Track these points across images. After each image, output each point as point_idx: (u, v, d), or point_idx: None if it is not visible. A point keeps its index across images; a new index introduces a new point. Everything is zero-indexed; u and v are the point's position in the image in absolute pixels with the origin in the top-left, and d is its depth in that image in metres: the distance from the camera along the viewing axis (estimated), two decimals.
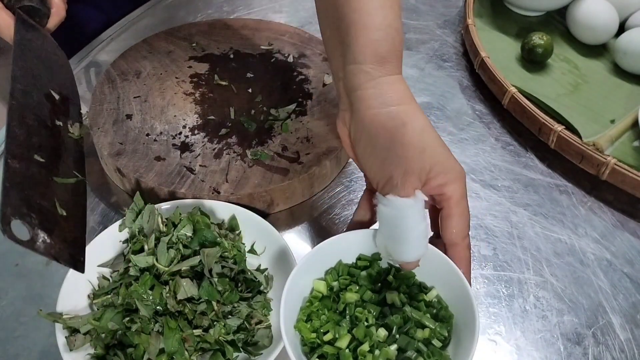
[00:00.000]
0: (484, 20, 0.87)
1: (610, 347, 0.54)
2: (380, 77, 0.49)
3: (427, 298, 0.50)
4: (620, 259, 0.60)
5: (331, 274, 0.51)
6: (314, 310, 0.49)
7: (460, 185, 0.48)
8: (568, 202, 0.66)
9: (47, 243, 0.46)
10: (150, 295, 0.50)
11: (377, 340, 0.47)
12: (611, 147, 0.68)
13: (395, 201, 0.46)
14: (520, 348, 0.54)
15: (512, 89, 0.72)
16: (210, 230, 0.54)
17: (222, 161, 0.64)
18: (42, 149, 0.52)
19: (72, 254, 0.48)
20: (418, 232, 0.47)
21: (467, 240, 0.49)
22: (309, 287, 0.51)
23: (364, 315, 0.48)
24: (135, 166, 0.63)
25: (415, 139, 0.47)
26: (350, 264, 0.52)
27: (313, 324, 0.48)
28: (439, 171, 0.47)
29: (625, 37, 0.77)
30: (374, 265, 0.52)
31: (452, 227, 0.48)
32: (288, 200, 0.64)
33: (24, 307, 0.56)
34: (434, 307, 0.49)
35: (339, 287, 0.51)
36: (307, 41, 0.79)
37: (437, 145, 0.48)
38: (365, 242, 0.51)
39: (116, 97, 0.71)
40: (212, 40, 0.79)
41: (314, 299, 0.50)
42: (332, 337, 0.47)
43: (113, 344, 0.49)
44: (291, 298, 0.47)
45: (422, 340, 0.47)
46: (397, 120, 0.48)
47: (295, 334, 0.48)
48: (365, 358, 0.46)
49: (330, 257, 0.52)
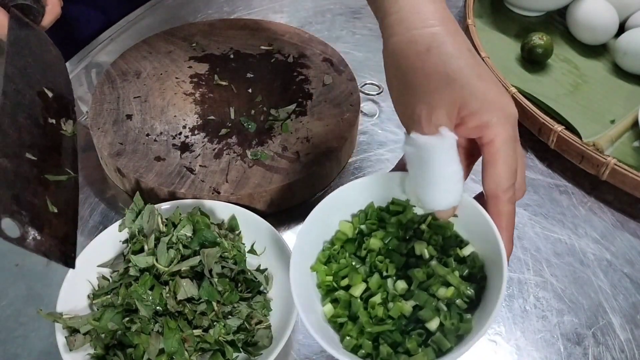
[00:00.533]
0: (484, 20, 0.87)
1: (610, 348, 0.54)
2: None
3: (461, 253, 0.44)
4: (620, 259, 0.60)
5: (359, 216, 0.47)
6: (334, 253, 0.45)
7: (504, 127, 0.41)
8: (568, 202, 0.66)
9: (37, 240, 0.46)
10: (150, 295, 0.50)
11: (393, 293, 0.43)
12: (611, 147, 0.68)
13: (418, 139, 0.40)
14: (520, 348, 0.54)
15: (512, 89, 0.72)
16: (210, 231, 0.54)
17: (222, 161, 0.64)
18: (33, 147, 0.52)
19: (62, 251, 0.49)
20: (447, 175, 0.41)
21: (510, 193, 0.42)
22: (333, 229, 0.47)
23: (384, 265, 0.44)
24: (135, 166, 0.63)
25: (441, 67, 0.41)
26: (383, 207, 0.47)
27: (331, 267, 0.45)
28: (476, 108, 0.40)
29: (625, 37, 0.77)
30: (407, 211, 0.46)
31: (492, 176, 0.41)
32: (288, 200, 0.64)
33: (24, 307, 0.56)
34: (467, 265, 0.44)
35: (367, 231, 0.46)
36: (307, 41, 0.79)
37: (473, 76, 0.41)
38: (402, 186, 0.46)
39: (116, 98, 0.71)
40: (212, 41, 0.79)
41: (337, 240, 0.46)
42: (349, 282, 0.44)
43: (113, 344, 0.49)
44: (309, 237, 0.44)
45: (444, 299, 0.42)
46: (420, 45, 0.42)
47: (310, 276, 0.44)
48: (375, 310, 0.42)
49: (361, 198, 0.47)
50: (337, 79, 0.73)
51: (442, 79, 0.40)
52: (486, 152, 0.41)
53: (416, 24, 0.43)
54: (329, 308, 0.43)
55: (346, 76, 0.73)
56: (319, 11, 0.91)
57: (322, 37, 0.79)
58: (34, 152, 0.52)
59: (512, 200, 0.43)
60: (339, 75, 0.74)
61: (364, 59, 0.82)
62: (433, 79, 0.41)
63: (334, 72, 0.74)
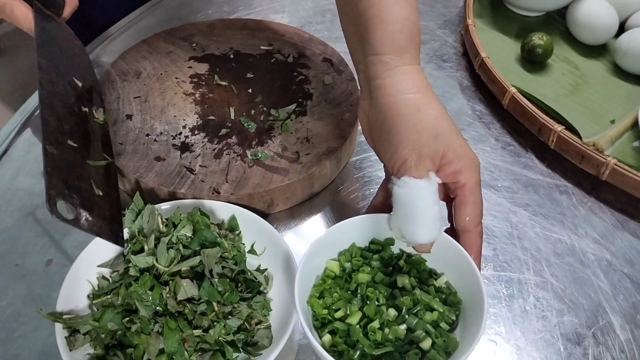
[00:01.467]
0: (484, 20, 0.87)
1: (610, 348, 0.54)
2: (397, 67, 0.51)
3: (436, 284, 0.51)
4: (620, 259, 0.60)
5: (344, 255, 0.53)
6: (327, 288, 0.51)
7: (474, 173, 0.50)
8: (568, 202, 0.66)
9: (89, 221, 0.50)
10: (150, 295, 0.49)
11: (387, 319, 0.48)
12: (611, 147, 0.68)
13: (410, 182, 0.48)
14: (520, 348, 0.54)
15: (512, 89, 0.72)
16: (210, 231, 0.54)
17: (222, 161, 0.64)
18: (73, 135, 0.55)
19: (112, 230, 0.52)
20: (431, 213, 0.48)
21: (479, 228, 0.51)
22: (322, 267, 0.52)
23: (375, 295, 0.50)
24: (135, 166, 0.63)
25: (429, 125, 0.49)
26: (364, 247, 0.54)
27: (325, 301, 0.50)
28: (452, 157, 0.49)
29: (625, 37, 0.77)
30: (386, 249, 0.53)
31: (465, 214, 0.50)
32: (288, 200, 0.64)
33: (24, 307, 0.56)
34: (443, 293, 0.51)
35: (352, 268, 0.52)
36: (307, 41, 0.79)
37: (451, 132, 0.50)
38: (379, 227, 0.53)
39: (116, 98, 0.71)
40: (212, 41, 0.79)
41: (327, 277, 0.52)
42: (343, 314, 0.49)
43: (113, 344, 0.49)
44: (305, 275, 0.49)
45: (431, 322, 0.48)
46: (411, 107, 0.50)
47: (307, 309, 0.50)
48: (375, 334, 0.47)
49: (344, 239, 0.53)
50: (337, 79, 0.73)
51: (431, 134, 0.49)
52: (460, 194, 0.50)
53: (406, 89, 0.51)
54: (328, 338, 0.48)
55: (346, 76, 0.73)
56: (319, 11, 0.91)
57: (322, 37, 0.79)
58: (74, 139, 0.55)
59: (481, 234, 0.51)
60: (339, 75, 0.74)
61: None
62: (423, 135, 0.49)
63: (334, 72, 0.74)
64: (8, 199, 0.65)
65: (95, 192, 0.54)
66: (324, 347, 0.47)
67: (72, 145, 0.54)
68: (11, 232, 0.62)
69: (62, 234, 0.61)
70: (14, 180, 0.67)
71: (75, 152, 0.54)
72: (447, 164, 0.49)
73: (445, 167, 0.49)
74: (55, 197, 0.48)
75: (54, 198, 0.48)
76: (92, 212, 0.51)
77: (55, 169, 0.50)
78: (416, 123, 0.49)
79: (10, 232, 0.62)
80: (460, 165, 0.49)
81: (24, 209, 0.64)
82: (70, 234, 0.61)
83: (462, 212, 0.50)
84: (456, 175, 0.49)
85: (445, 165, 0.49)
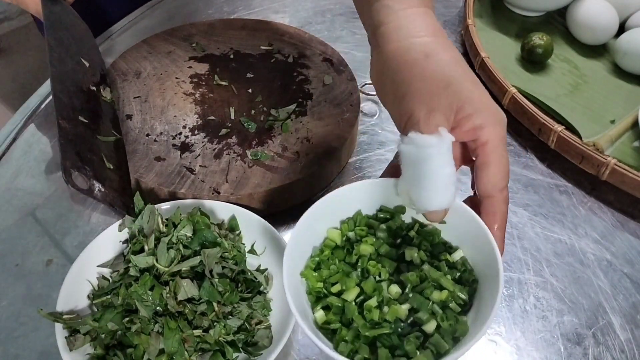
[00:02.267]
0: (484, 20, 0.87)
1: (610, 348, 0.54)
2: (401, 10, 0.46)
3: (450, 259, 0.45)
4: (620, 259, 0.60)
5: (347, 224, 0.47)
6: (324, 259, 0.46)
7: (497, 128, 0.42)
8: (568, 202, 0.66)
9: (102, 192, 0.53)
10: (150, 295, 0.49)
11: (387, 296, 0.43)
12: (611, 147, 0.68)
13: (417, 138, 0.41)
14: (520, 348, 0.54)
15: (512, 89, 0.72)
16: (211, 231, 0.54)
17: (222, 161, 0.64)
18: (83, 111, 0.59)
19: (123, 201, 0.55)
20: (443, 176, 0.41)
21: (505, 193, 0.43)
22: (321, 236, 0.47)
23: (376, 269, 0.44)
24: (135, 166, 0.63)
25: (440, 73, 0.43)
26: (370, 215, 0.48)
27: (321, 273, 0.45)
28: (471, 111, 0.42)
29: (625, 37, 0.77)
30: (396, 218, 0.47)
31: (488, 176, 0.42)
32: (288, 200, 0.64)
33: (24, 307, 0.56)
34: (458, 270, 0.45)
35: (355, 238, 0.46)
36: (307, 41, 0.79)
37: (467, 81, 0.43)
38: (389, 192, 0.46)
39: (116, 98, 0.70)
40: (212, 41, 0.79)
41: (325, 247, 0.46)
42: (340, 288, 0.44)
43: (113, 344, 0.49)
44: (299, 244, 0.44)
45: (439, 302, 0.42)
46: (419, 53, 0.44)
47: (300, 282, 0.45)
48: (371, 313, 0.42)
49: (348, 205, 0.47)
50: (337, 79, 0.73)
51: (441, 84, 0.42)
52: (481, 154, 0.43)
53: (413, 32, 0.44)
54: (321, 314, 0.43)
55: (346, 76, 0.73)
56: (319, 11, 0.91)
57: (322, 37, 0.79)
58: (85, 115, 0.58)
59: (507, 200, 0.44)
60: (339, 75, 0.74)
61: (364, 59, 0.82)
62: (432, 84, 0.42)
63: (334, 72, 0.74)
64: (8, 199, 0.65)
65: (107, 165, 0.56)
66: (316, 323, 0.42)
67: (83, 121, 0.57)
68: (11, 232, 0.62)
69: (62, 234, 0.61)
70: (14, 180, 0.67)
71: (86, 128, 0.57)
72: (465, 118, 0.42)
73: (463, 123, 0.42)
74: (70, 169, 0.50)
75: (69, 169, 0.50)
76: (104, 184, 0.53)
77: (68, 142, 0.53)
78: (423, 70, 0.42)
79: (10, 232, 0.62)
80: (481, 120, 0.42)
81: (24, 209, 0.64)
82: (71, 233, 0.61)
83: (484, 174, 0.42)
84: (476, 132, 0.42)
85: (463, 120, 0.42)
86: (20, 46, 2.15)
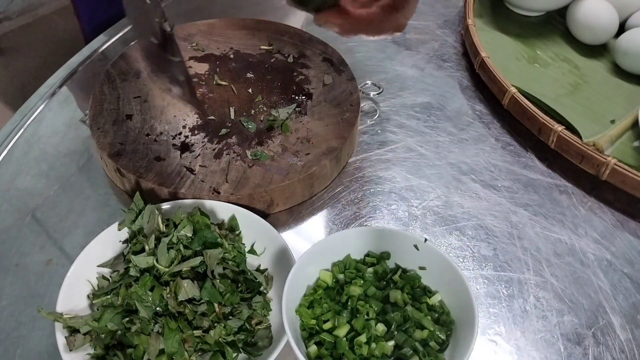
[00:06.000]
0: (484, 20, 0.87)
1: (610, 348, 0.54)
2: None
3: (430, 301, 0.51)
4: (620, 259, 0.60)
5: (338, 266, 0.52)
6: (317, 298, 0.50)
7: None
8: (568, 202, 0.66)
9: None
10: (150, 296, 0.49)
11: (375, 334, 0.48)
12: (611, 147, 0.68)
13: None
14: (520, 348, 0.54)
15: (512, 89, 0.72)
16: (211, 231, 0.54)
17: (222, 161, 0.64)
18: (154, 35, 0.66)
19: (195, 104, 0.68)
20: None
21: None
22: (314, 276, 0.52)
23: (365, 308, 0.49)
24: (135, 166, 0.63)
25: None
26: (359, 259, 0.53)
27: (314, 311, 0.50)
28: None
29: (625, 37, 0.77)
30: (381, 263, 0.53)
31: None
32: (288, 200, 0.64)
33: (24, 307, 0.56)
34: (436, 311, 0.50)
35: (345, 280, 0.52)
36: (307, 41, 0.79)
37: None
38: (376, 239, 0.52)
39: (116, 98, 0.70)
40: (212, 40, 0.79)
41: (318, 287, 0.51)
42: (331, 325, 0.49)
43: (113, 345, 0.49)
44: (295, 283, 0.49)
45: (420, 340, 0.48)
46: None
47: (295, 318, 0.49)
48: (361, 349, 0.46)
49: (339, 250, 0.53)
50: (337, 79, 0.73)
51: None
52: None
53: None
54: (314, 349, 0.47)
55: (346, 76, 0.73)
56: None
57: (322, 37, 0.79)
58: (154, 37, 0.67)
59: None
60: (339, 75, 0.74)
61: (364, 59, 0.82)
62: None
63: (334, 72, 0.74)
64: (8, 199, 0.65)
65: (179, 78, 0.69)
66: (309, 357, 0.47)
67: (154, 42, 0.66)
68: (11, 232, 0.62)
69: (62, 234, 0.61)
70: (14, 180, 0.67)
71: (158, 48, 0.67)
72: None
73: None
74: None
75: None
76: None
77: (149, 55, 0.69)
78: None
79: (10, 232, 0.62)
80: None
81: (24, 209, 0.64)
82: (71, 234, 0.61)
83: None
84: None
85: None
86: (20, 46, 2.15)
